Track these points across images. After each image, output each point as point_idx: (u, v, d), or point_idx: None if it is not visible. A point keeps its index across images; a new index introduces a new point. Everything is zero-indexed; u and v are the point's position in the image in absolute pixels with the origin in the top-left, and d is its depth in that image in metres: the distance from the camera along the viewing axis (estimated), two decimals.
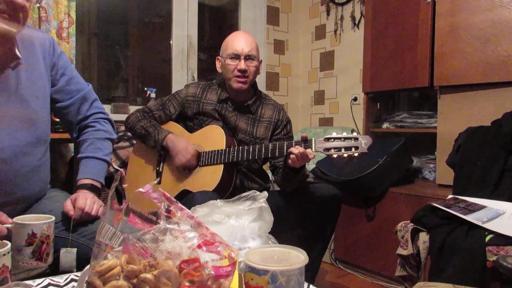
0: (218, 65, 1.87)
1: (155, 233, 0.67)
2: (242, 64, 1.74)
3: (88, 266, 0.66)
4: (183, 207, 0.73)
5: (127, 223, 0.72)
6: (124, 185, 0.79)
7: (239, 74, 1.75)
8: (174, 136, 1.77)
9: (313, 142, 1.51)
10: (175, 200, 0.73)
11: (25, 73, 1.20)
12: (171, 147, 1.74)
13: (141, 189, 0.71)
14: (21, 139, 1.16)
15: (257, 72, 1.82)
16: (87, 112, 1.38)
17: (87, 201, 1.18)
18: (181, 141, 1.75)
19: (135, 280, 0.63)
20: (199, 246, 0.65)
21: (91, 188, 1.26)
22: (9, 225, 0.99)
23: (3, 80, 1.15)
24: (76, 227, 1.17)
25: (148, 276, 0.62)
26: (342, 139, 1.48)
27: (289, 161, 1.56)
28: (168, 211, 0.71)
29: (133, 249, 0.65)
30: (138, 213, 0.72)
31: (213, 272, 0.62)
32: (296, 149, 1.51)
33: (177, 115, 1.89)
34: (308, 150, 1.50)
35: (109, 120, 1.44)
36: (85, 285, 0.64)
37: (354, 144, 1.47)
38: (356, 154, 1.46)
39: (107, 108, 2.57)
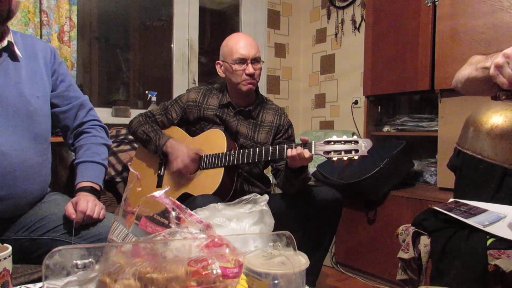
0: (220, 69, 1.84)
1: (165, 236, 0.68)
2: (250, 68, 1.73)
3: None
4: (192, 213, 0.75)
5: (138, 227, 0.73)
6: (138, 189, 0.80)
7: (248, 78, 1.75)
8: (174, 141, 1.77)
9: (313, 145, 1.51)
10: (184, 207, 0.75)
11: (25, 73, 1.23)
12: (171, 152, 1.74)
13: (155, 194, 0.73)
14: (20, 134, 1.17)
15: (260, 73, 1.83)
16: (83, 118, 1.41)
17: (88, 204, 1.19)
18: (181, 146, 1.74)
19: (143, 280, 0.63)
20: (207, 246, 0.66)
21: (91, 191, 1.27)
22: None
23: (3, 74, 1.16)
24: (78, 230, 1.17)
25: (156, 276, 0.62)
26: (342, 142, 1.48)
27: (288, 161, 1.56)
28: (178, 218, 0.73)
29: (143, 251, 0.65)
30: (149, 216, 0.74)
31: (220, 271, 0.63)
32: (294, 151, 1.52)
33: (179, 119, 1.89)
34: (305, 150, 1.50)
35: (104, 128, 1.47)
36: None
37: (354, 147, 1.46)
38: (356, 157, 1.45)
39: (108, 111, 2.58)
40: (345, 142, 1.48)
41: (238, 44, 1.75)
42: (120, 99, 2.70)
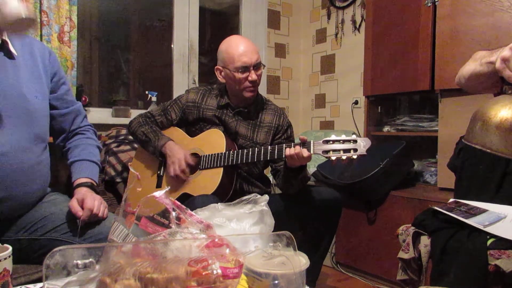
0: (220, 75, 1.81)
1: (165, 236, 0.69)
2: (253, 75, 1.71)
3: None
4: (193, 213, 0.75)
5: (139, 227, 0.74)
6: (139, 189, 0.80)
7: (250, 85, 1.74)
8: (173, 144, 1.76)
9: (311, 145, 1.51)
10: (184, 207, 0.75)
11: (24, 72, 1.23)
12: (169, 155, 1.74)
13: (155, 194, 0.73)
14: (19, 135, 1.17)
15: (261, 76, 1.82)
16: (80, 124, 1.46)
17: (95, 202, 1.19)
18: (179, 150, 1.73)
19: (144, 280, 0.63)
20: (207, 246, 0.66)
21: (91, 187, 1.27)
22: None
23: (2, 75, 1.16)
24: (82, 229, 1.17)
25: (157, 276, 0.62)
26: (341, 141, 1.48)
27: (286, 160, 1.56)
28: (178, 218, 0.73)
29: (143, 252, 0.66)
30: (150, 217, 0.74)
31: (220, 272, 0.63)
32: (292, 150, 1.51)
33: (178, 120, 1.89)
34: (304, 150, 1.50)
35: (95, 132, 1.53)
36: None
37: (353, 147, 1.46)
38: (354, 157, 1.45)
39: (108, 111, 2.59)
40: (344, 141, 1.47)
41: (239, 51, 1.71)
42: (120, 99, 2.70)
